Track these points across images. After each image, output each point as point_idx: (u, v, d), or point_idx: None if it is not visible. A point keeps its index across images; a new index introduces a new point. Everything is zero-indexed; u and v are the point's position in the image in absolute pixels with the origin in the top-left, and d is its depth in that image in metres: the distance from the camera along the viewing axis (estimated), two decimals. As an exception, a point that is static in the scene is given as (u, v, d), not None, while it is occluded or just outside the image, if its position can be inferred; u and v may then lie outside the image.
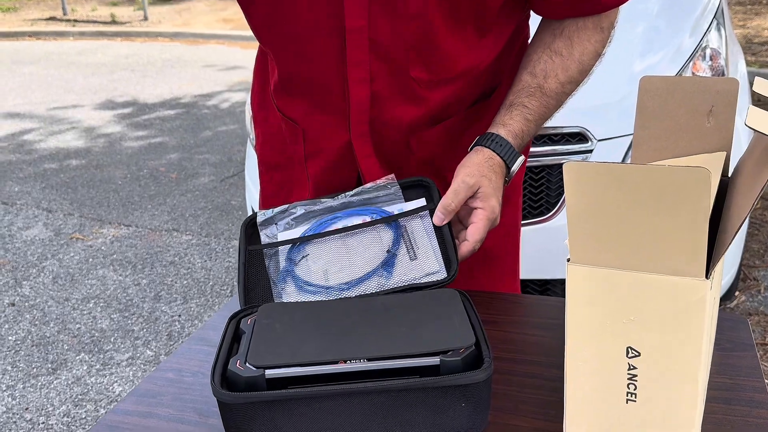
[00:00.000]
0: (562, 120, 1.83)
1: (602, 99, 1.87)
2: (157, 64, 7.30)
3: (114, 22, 9.55)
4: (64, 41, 8.89)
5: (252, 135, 2.38)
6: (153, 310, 2.74)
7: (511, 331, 0.94)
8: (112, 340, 2.56)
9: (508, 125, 0.97)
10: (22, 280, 3.02)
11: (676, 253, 0.59)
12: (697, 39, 2.05)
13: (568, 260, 0.65)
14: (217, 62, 7.27)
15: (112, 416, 0.82)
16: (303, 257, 0.96)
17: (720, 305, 2.43)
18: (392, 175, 1.01)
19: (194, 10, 10.24)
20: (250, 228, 1.01)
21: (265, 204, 1.24)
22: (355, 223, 0.97)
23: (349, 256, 0.95)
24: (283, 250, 0.97)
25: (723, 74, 2.03)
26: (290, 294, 0.93)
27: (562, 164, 1.88)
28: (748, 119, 0.62)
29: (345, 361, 0.72)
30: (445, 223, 0.94)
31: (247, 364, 0.73)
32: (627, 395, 0.66)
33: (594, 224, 0.62)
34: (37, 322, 2.69)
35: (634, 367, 0.65)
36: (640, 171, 0.58)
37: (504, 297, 1.03)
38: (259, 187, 2.34)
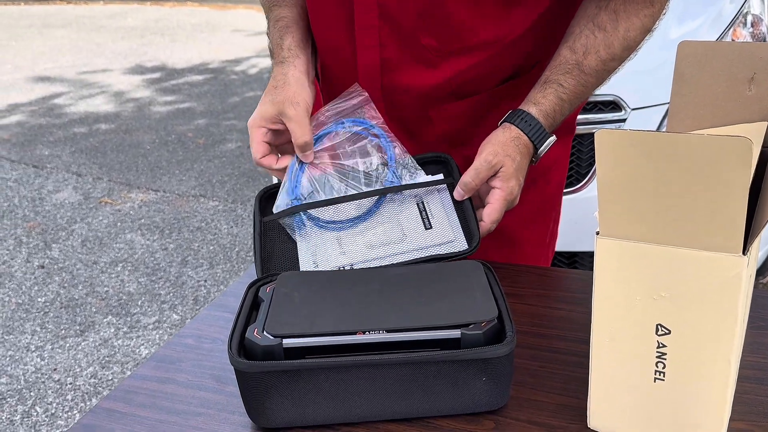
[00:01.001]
0: (594, 88, 1.78)
1: (637, 66, 1.79)
2: (186, 28, 7.29)
3: (144, -14, 9.54)
4: (95, 5, 8.91)
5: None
6: (180, 275, 2.76)
7: (537, 304, 0.92)
8: (139, 303, 2.58)
9: (540, 104, 0.92)
10: (52, 242, 3.06)
11: (712, 227, 0.56)
12: (738, 5, 1.96)
13: (598, 233, 0.62)
14: (246, 27, 7.24)
15: (131, 381, 0.82)
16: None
17: (752, 281, 2.38)
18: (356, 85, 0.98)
19: (223, -25, 10.18)
20: (264, 201, 0.99)
21: None
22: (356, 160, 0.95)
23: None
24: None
25: (765, 41, 1.95)
26: (307, 233, 0.92)
27: (593, 133, 1.83)
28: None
29: (364, 332, 0.71)
30: (465, 198, 0.92)
31: (264, 333, 0.71)
32: (655, 374, 0.64)
33: (626, 196, 0.59)
34: (66, 285, 2.72)
35: (664, 345, 0.63)
36: (677, 140, 0.54)
37: (530, 270, 1.01)
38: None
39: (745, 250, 0.57)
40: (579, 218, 1.78)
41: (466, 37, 0.93)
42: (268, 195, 1.00)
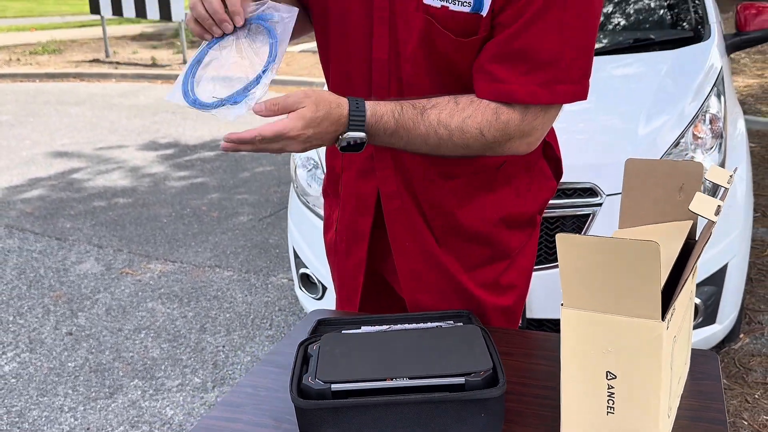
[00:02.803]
0: (575, 176, 2.06)
1: (611, 158, 2.09)
2: (196, 106, 7.66)
3: (154, 65, 9.99)
4: (107, 83, 9.33)
5: (296, 180, 2.64)
6: (199, 341, 2.98)
7: (524, 360, 1.16)
8: (162, 367, 2.79)
9: (382, 105, 1.09)
10: (78, 311, 3.28)
11: (638, 301, 0.81)
12: (699, 104, 2.27)
13: (562, 304, 0.87)
14: (253, 105, 7.61)
15: (206, 421, 1.05)
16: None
17: (724, 346, 2.61)
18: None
19: (230, 54, 10.66)
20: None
21: (324, 228, 1.48)
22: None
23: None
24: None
25: (721, 136, 2.24)
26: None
27: (575, 215, 2.10)
28: (692, 204, 0.84)
29: (392, 379, 0.94)
30: (260, 111, 1.03)
31: (317, 380, 0.95)
32: (607, 408, 0.88)
33: (581, 278, 0.84)
34: (93, 350, 2.94)
35: (612, 387, 0.87)
36: (612, 242, 0.80)
37: (518, 333, 1.25)
38: (300, 231, 2.58)
39: (663, 318, 0.82)
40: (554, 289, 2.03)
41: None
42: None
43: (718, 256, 2.17)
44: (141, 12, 9.80)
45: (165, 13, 9.63)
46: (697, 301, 2.15)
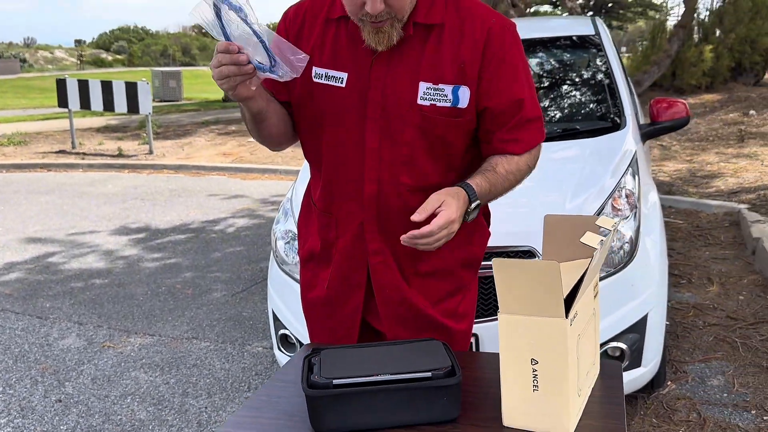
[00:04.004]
0: (517, 240, 2.46)
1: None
2: (164, 193, 7.98)
3: (121, 155, 10.33)
4: (74, 172, 9.61)
5: (276, 251, 2.98)
6: (183, 404, 3.22)
7: (474, 371, 1.50)
8: (150, 427, 3.02)
9: (475, 179, 1.57)
10: (65, 381, 3.50)
11: (549, 305, 1.18)
12: (616, 180, 2.72)
13: (499, 311, 1.23)
14: (220, 192, 7.98)
15: (235, 418, 1.36)
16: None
17: (653, 392, 2.98)
18: None
19: (195, 145, 11.11)
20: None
21: (305, 288, 1.81)
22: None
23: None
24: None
25: (636, 207, 2.69)
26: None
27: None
28: (582, 238, 1.23)
29: (377, 375, 1.28)
30: (420, 219, 1.45)
31: (321, 376, 1.29)
32: (533, 387, 1.23)
33: (511, 291, 1.21)
34: (83, 415, 3.15)
35: (536, 370, 1.22)
36: (530, 265, 1.18)
37: (470, 353, 1.60)
38: (280, 295, 2.90)
39: (566, 317, 1.19)
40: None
41: (427, 179, 1.61)
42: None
43: (638, 308, 2.56)
44: (109, 106, 10.23)
45: (132, 107, 10.07)
46: (623, 346, 2.53)
